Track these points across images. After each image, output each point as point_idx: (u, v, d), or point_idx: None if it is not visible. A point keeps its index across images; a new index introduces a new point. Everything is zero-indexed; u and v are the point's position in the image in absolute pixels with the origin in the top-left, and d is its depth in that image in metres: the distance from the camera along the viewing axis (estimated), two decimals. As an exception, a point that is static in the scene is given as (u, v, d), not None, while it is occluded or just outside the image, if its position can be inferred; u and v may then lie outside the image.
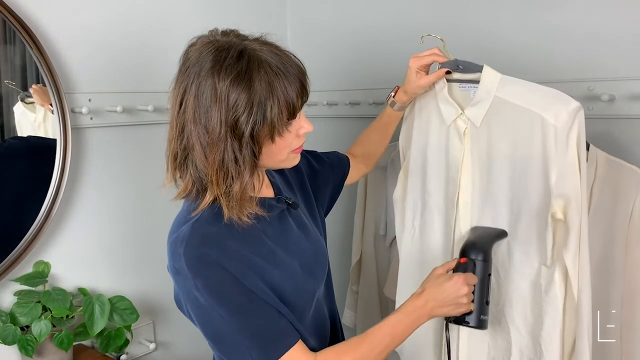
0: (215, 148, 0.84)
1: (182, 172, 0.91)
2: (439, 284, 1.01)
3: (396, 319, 0.98)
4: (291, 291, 0.94)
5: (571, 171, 1.01)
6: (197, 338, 0.95)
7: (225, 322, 0.88)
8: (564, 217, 1.03)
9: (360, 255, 1.73)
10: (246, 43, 0.86)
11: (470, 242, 1.10)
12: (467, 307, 1.03)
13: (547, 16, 1.38)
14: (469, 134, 1.15)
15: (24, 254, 1.36)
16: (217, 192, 0.87)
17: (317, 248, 1.05)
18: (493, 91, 1.09)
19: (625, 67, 1.27)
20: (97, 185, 1.53)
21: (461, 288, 1.00)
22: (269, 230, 0.96)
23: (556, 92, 1.04)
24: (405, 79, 1.20)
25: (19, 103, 1.36)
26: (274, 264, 0.93)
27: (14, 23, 1.30)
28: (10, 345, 1.29)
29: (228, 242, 0.89)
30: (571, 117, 1.00)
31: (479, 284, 1.06)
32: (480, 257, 1.07)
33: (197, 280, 0.87)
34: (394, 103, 1.24)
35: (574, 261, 1.02)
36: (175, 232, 0.92)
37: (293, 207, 1.02)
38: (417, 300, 0.99)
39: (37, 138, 1.41)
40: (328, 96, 1.86)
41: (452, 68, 1.15)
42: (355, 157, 1.30)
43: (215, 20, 1.01)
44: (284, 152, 0.92)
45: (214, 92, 0.83)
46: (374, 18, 1.76)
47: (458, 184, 1.17)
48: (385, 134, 1.31)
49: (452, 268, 1.06)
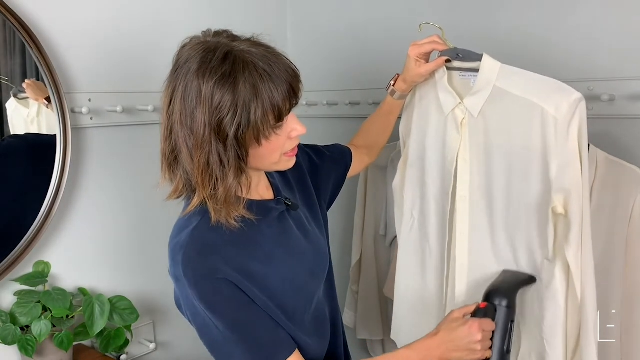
0: (200, 150, 0.84)
1: (173, 173, 0.91)
2: (452, 329, 0.98)
3: (406, 355, 0.97)
4: (291, 293, 0.94)
5: (572, 164, 0.99)
6: (197, 338, 0.96)
7: (220, 333, 0.89)
8: (564, 212, 1.01)
9: (360, 255, 1.73)
10: (235, 44, 0.85)
11: (494, 286, 1.05)
12: (482, 354, 0.98)
13: (546, 16, 1.38)
14: (466, 124, 1.13)
15: (24, 254, 1.36)
16: (203, 194, 0.86)
17: (318, 248, 1.05)
18: (492, 81, 1.07)
19: (625, 67, 1.27)
20: (97, 185, 1.53)
21: (475, 334, 0.97)
22: (268, 232, 0.96)
23: (557, 82, 1.02)
24: (405, 67, 1.18)
25: (12, 99, 1.34)
26: (274, 268, 0.93)
27: (14, 23, 1.30)
28: (10, 345, 1.29)
29: (227, 248, 0.89)
30: (572, 108, 0.98)
31: (501, 331, 1.00)
32: (504, 303, 1.01)
33: (195, 290, 0.87)
34: (394, 92, 1.23)
35: (576, 256, 0.99)
36: (175, 237, 0.92)
37: (292, 208, 1.02)
38: (431, 341, 0.98)
39: (34, 135, 1.40)
40: (328, 96, 1.85)
41: (452, 56, 1.13)
42: (357, 148, 1.29)
43: (215, 21, 1.01)
44: (276, 155, 0.91)
45: (199, 94, 0.82)
46: (374, 18, 1.76)
47: (453, 175, 1.15)
48: (387, 123, 1.30)
49: (470, 312, 1.02)
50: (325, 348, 1.04)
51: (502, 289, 1.04)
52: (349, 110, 1.83)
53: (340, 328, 1.12)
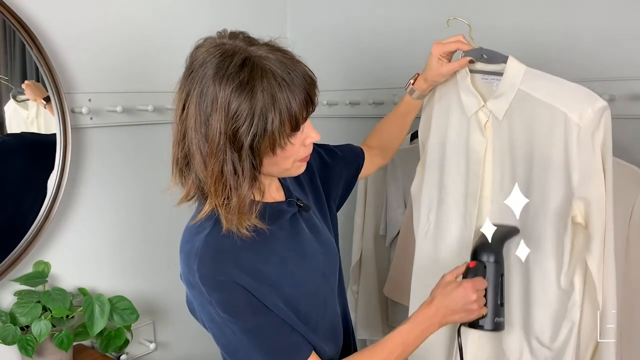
0: (214, 158, 0.82)
1: (185, 178, 0.89)
2: (447, 293, 0.99)
3: (407, 329, 0.97)
4: (304, 297, 0.94)
5: (595, 174, 0.96)
6: (197, 338, 0.96)
7: (237, 339, 0.88)
8: (584, 222, 0.99)
9: (360, 255, 1.73)
10: (252, 49, 0.82)
11: (479, 244, 1.07)
12: (479, 312, 1.01)
13: (547, 16, 1.38)
14: (490, 126, 1.10)
15: (24, 254, 1.36)
16: (216, 203, 0.85)
17: (329, 249, 1.04)
18: (517, 84, 1.04)
19: (625, 67, 1.27)
20: (97, 185, 1.53)
21: (470, 295, 0.98)
22: (281, 236, 0.94)
23: (583, 88, 0.99)
24: (426, 65, 1.15)
25: (11, 101, 1.34)
26: (287, 272, 0.92)
27: (14, 23, 1.30)
28: (10, 345, 1.29)
29: (241, 253, 0.88)
30: (597, 116, 0.94)
31: (492, 286, 1.03)
32: (491, 259, 1.04)
33: (212, 296, 0.86)
34: (413, 91, 1.20)
35: (598, 268, 0.98)
36: (188, 243, 0.90)
37: (304, 209, 1.01)
38: (428, 309, 0.98)
39: (31, 134, 1.40)
40: (328, 96, 1.86)
41: (476, 57, 1.10)
42: (371, 149, 1.26)
43: (215, 21, 1.01)
44: (289, 161, 0.90)
45: (215, 101, 0.80)
46: (373, 18, 1.76)
47: (481, 178, 1.12)
48: (403, 125, 1.27)
49: (461, 273, 1.04)
50: (339, 352, 1.04)
51: (488, 245, 1.05)
52: (349, 110, 1.83)
53: (350, 328, 1.12)
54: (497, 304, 1.04)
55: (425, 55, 1.16)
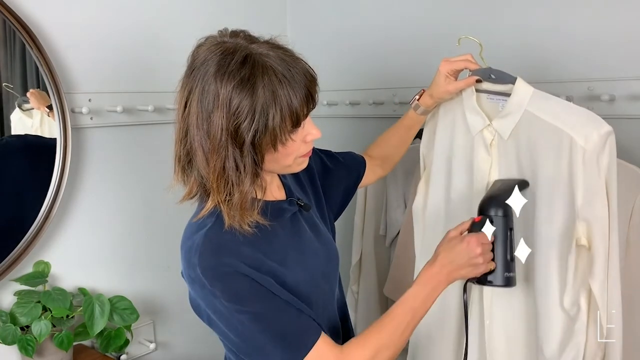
0: (216, 154, 0.83)
1: (187, 175, 0.90)
2: (451, 248, 0.97)
3: (414, 292, 0.95)
4: (305, 294, 0.93)
5: (599, 198, 0.97)
6: (197, 338, 0.95)
7: (246, 328, 0.87)
8: (587, 244, 0.99)
9: (360, 255, 1.73)
10: (253, 47, 0.83)
11: (486, 198, 1.04)
12: (486, 266, 0.98)
13: (547, 16, 1.38)
14: (496, 145, 1.11)
15: (24, 254, 1.36)
16: (218, 199, 0.86)
17: (329, 248, 1.04)
18: (524, 105, 1.05)
19: (625, 67, 1.27)
20: (97, 185, 1.53)
21: (474, 249, 0.96)
22: (281, 234, 0.95)
23: (588, 112, 1.00)
24: (433, 82, 1.16)
25: (17, 110, 1.35)
26: (288, 269, 0.92)
27: (14, 23, 1.30)
28: (10, 345, 1.29)
29: (242, 249, 0.88)
30: (602, 140, 0.96)
31: (501, 241, 1.00)
32: (500, 213, 1.01)
33: (215, 288, 0.86)
34: (418, 106, 1.20)
35: (601, 290, 0.98)
36: (189, 239, 0.90)
37: (305, 209, 1.01)
38: (432, 268, 0.96)
39: (33, 136, 1.40)
40: (328, 96, 1.86)
41: (484, 77, 1.11)
42: (372, 159, 1.26)
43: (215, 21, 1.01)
44: (291, 158, 0.90)
45: (217, 97, 0.81)
46: (373, 18, 1.76)
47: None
48: (405, 138, 1.28)
49: (466, 229, 1.01)
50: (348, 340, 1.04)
51: (496, 199, 1.03)
52: (349, 110, 1.83)
53: (351, 331, 1.12)
54: (506, 258, 1.01)
55: (426, 55, 1.17)
